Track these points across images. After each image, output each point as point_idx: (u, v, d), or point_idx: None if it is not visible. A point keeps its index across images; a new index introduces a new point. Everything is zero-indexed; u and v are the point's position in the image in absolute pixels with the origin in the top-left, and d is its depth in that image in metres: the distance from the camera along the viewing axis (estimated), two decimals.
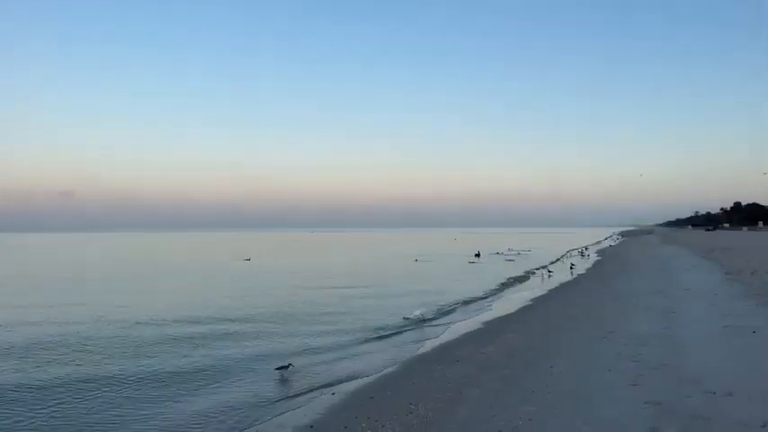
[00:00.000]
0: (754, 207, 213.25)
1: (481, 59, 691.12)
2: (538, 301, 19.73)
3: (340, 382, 9.64)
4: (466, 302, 20.32)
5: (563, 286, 24.82)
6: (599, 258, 48.30)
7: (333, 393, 8.79)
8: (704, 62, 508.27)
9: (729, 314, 12.29)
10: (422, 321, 15.41)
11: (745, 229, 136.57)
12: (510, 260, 47.05)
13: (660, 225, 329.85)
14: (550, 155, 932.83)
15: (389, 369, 10.40)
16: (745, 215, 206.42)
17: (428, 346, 12.56)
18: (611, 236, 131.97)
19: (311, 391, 9.17)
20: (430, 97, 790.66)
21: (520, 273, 33.42)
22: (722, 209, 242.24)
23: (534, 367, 8.86)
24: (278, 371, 10.16)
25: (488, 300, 21.13)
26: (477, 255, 53.48)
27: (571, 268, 33.90)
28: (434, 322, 15.81)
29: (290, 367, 10.25)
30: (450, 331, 14.31)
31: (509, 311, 17.61)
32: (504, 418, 6.35)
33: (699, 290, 17.40)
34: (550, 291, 23.29)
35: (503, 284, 27.02)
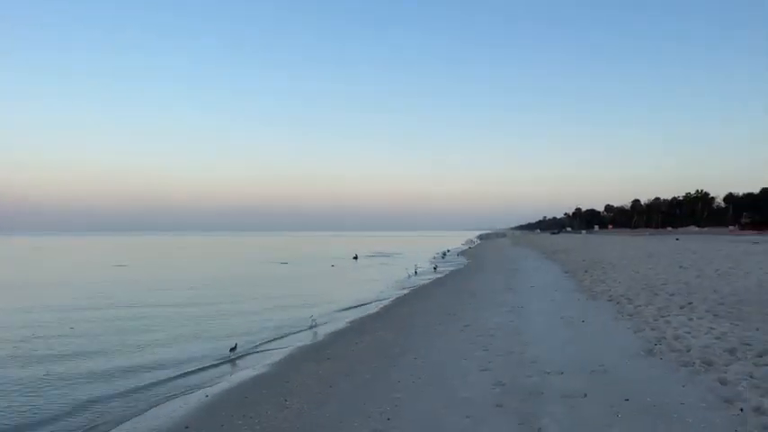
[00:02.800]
0: (592, 212, 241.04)
1: (348, 57, 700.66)
2: (404, 300, 20.84)
3: (212, 384, 9.67)
4: (337, 302, 20.82)
5: (427, 286, 26.36)
6: (459, 259, 51.70)
7: (206, 396, 8.80)
8: (561, 83, 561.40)
9: (565, 307, 14.14)
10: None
11: (584, 232, 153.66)
12: (383, 264, 48.60)
13: (513, 228, 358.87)
14: (412, 161, 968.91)
15: (263, 370, 10.57)
16: (584, 219, 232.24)
17: (299, 348, 12.82)
18: (470, 239, 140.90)
19: (184, 394, 9.11)
20: (295, 93, 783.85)
21: (389, 273, 34.79)
22: (566, 214, 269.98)
23: (401, 359, 9.59)
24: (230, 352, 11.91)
25: (359, 300, 21.84)
26: (355, 257, 54.85)
27: (435, 269, 36.08)
28: (302, 326, 16.00)
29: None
30: (320, 333, 14.67)
31: (378, 310, 18.44)
32: (373, 405, 6.93)
33: (542, 286, 19.59)
34: (416, 290, 24.66)
35: (373, 285, 28.01)
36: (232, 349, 12.15)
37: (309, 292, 24.88)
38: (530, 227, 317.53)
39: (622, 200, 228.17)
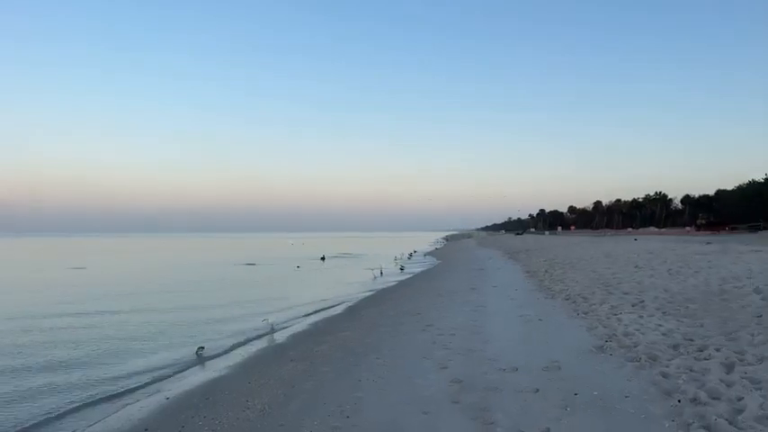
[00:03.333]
0: (555, 214, 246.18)
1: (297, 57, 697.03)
2: (369, 301, 21.03)
3: (173, 387, 9.65)
4: (302, 304, 20.87)
5: (393, 287, 26.61)
6: (425, 260, 52.21)
7: (167, 398, 8.80)
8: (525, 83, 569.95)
9: (524, 306, 14.55)
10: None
11: (547, 233, 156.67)
12: (350, 264, 48.71)
13: (479, 229, 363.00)
14: (377, 162, 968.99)
15: (225, 373, 10.59)
16: (548, 220, 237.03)
17: (262, 350, 12.86)
18: (437, 240, 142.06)
19: (144, 397, 9.08)
20: (248, 97, 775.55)
21: (355, 274, 34.93)
22: (530, 215, 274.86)
23: (364, 360, 9.75)
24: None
25: (324, 301, 21.92)
26: (323, 258, 54.99)
27: (401, 269, 36.40)
28: (265, 329, 15.98)
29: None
30: (283, 335, 14.72)
31: (343, 312, 18.58)
32: (335, 404, 7.09)
33: (504, 286, 20.04)
34: (381, 291, 24.88)
35: (339, 286, 28.12)
36: (199, 350, 12.22)
37: (274, 294, 24.82)
38: (495, 228, 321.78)
39: (585, 201, 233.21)
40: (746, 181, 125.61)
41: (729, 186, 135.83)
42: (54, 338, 14.75)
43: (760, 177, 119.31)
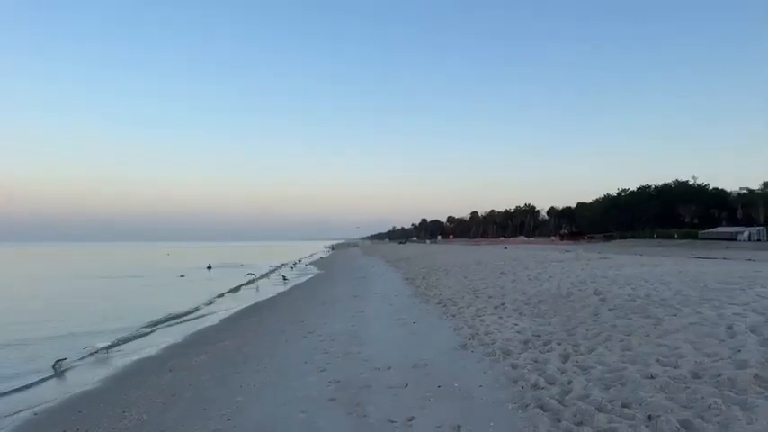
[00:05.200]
0: (436, 223, 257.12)
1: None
2: (252, 310, 20.92)
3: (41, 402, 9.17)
4: (179, 316, 20.28)
5: (276, 296, 26.58)
6: (310, 269, 52.33)
7: (35, 414, 8.40)
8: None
9: (401, 310, 15.44)
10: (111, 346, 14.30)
11: (428, 241, 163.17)
12: (234, 273, 47.49)
13: (365, 238, 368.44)
14: (262, 170, 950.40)
15: (98, 386, 10.23)
16: (429, 230, 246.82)
17: (138, 362, 12.51)
18: (322, 249, 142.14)
19: (8, 415, 8.56)
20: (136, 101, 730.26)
21: (235, 284, 34.26)
22: (413, 224, 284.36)
23: (244, 367, 9.96)
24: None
25: (205, 311, 21.46)
26: (209, 267, 53.27)
27: (284, 279, 36.30)
28: (137, 341, 15.49)
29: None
30: (160, 346, 14.35)
31: (224, 322, 18.36)
32: (215, 409, 7.29)
33: (384, 293, 20.95)
34: (264, 300, 24.77)
35: (218, 296, 27.52)
36: (56, 364, 11.70)
37: (152, 304, 23.74)
38: (381, 237, 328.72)
39: (463, 212, 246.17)
40: (602, 195, 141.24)
41: (588, 199, 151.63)
42: None
43: (614, 192, 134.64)
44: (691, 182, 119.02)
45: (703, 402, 5.56)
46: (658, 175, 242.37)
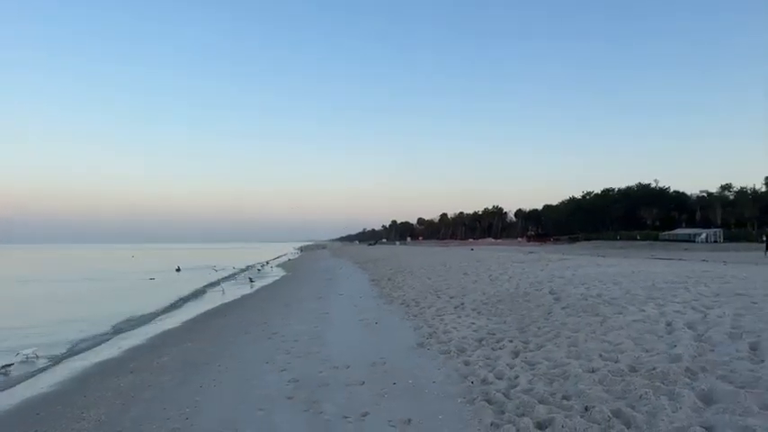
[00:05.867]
0: (406, 225, 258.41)
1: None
2: (217, 312, 20.85)
3: None
4: (144, 318, 20.09)
5: (241, 298, 26.50)
6: (277, 271, 52.11)
7: None
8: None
9: (365, 311, 15.69)
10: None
11: (398, 243, 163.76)
12: (203, 275, 46.96)
13: (334, 240, 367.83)
14: (229, 170, 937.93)
15: (56, 388, 10.17)
16: (399, 231, 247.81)
17: (98, 364, 12.42)
18: (291, 251, 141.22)
19: None
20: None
21: (202, 286, 33.99)
22: (383, 226, 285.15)
23: (206, 368, 10.05)
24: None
25: (168, 314, 21.29)
26: (178, 270, 52.57)
27: (251, 281, 36.15)
28: (99, 344, 15.35)
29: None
30: (122, 348, 14.25)
31: (188, 323, 18.27)
32: (174, 409, 7.41)
33: (350, 294, 21.18)
34: (229, 303, 24.67)
35: (185, 299, 27.29)
36: (2, 368, 11.61)
37: (118, 307, 23.39)
38: (351, 238, 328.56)
39: (433, 213, 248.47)
40: (568, 197, 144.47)
41: (554, 202, 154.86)
42: None
43: (579, 194, 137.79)
44: (653, 185, 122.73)
45: (636, 393, 5.98)
46: (622, 179, 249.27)
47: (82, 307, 24.60)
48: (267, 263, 69.02)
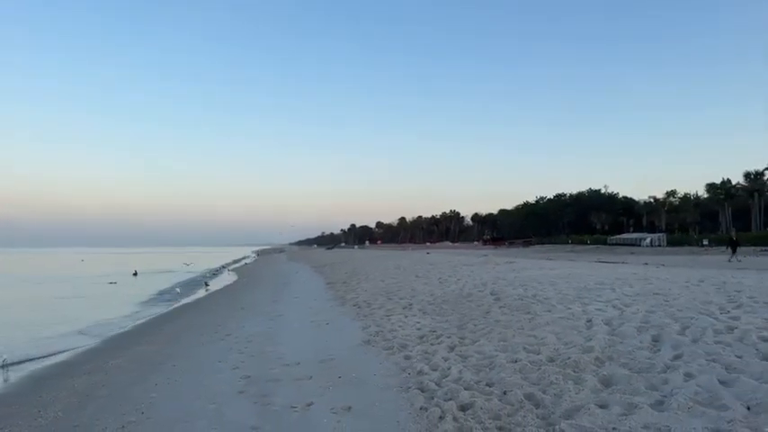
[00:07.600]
0: (365, 229, 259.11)
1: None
2: (171, 316, 21.01)
3: None
4: (98, 322, 20.05)
5: (195, 302, 26.60)
6: (233, 275, 51.94)
7: None
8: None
9: (318, 313, 16.27)
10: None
11: (356, 247, 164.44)
12: (160, 279, 46.34)
13: (293, 244, 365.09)
14: (188, 173, 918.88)
15: (7, 390, 10.36)
16: (358, 235, 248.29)
17: (51, 366, 12.57)
18: (248, 254, 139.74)
19: None
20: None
21: (161, 289, 33.79)
22: (342, 230, 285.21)
23: (160, 367, 10.45)
24: None
25: (122, 317, 21.28)
26: (135, 274, 51.59)
27: (206, 285, 36.10)
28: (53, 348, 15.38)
29: None
30: (76, 351, 14.38)
31: (141, 327, 18.41)
32: (130, 405, 7.84)
33: (305, 297, 21.71)
34: (184, 305, 24.80)
35: (138, 303, 27.15)
36: None
37: (68, 311, 23.18)
38: (309, 242, 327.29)
39: (392, 217, 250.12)
40: (523, 202, 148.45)
41: (510, 206, 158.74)
42: None
43: (532, 199, 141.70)
44: (603, 191, 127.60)
45: (548, 380, 6.84)
46: (574, 184, 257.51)
47: (38, 312, 24.20)
48: (223, 266, 68.44)
